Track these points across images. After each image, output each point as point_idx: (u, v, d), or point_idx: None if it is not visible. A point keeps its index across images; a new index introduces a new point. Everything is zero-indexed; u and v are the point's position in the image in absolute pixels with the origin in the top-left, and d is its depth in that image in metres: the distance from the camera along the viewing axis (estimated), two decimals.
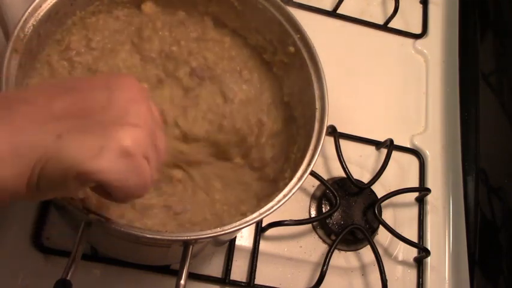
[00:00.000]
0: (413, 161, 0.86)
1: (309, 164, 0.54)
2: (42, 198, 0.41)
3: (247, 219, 0.50)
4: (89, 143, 0.37)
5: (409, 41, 0.95)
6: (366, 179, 0.80)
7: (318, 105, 0.58)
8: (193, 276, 0.70)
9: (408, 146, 0.87)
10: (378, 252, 0.74)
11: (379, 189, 0.80)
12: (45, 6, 0.54)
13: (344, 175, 0.78)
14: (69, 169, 0.36)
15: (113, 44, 0.62)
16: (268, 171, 0.62)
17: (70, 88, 0.40)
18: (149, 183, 0.41)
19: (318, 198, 0.79)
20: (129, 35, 0.63)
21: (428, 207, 0.83)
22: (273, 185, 0.60)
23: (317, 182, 0.79)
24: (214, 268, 0.72)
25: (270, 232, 0.75)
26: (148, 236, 0.47)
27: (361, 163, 0.83)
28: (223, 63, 0.64)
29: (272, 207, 0.51)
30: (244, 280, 0.72)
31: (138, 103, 0.40)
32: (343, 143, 0.80)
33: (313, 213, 0.79)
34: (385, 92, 0.90)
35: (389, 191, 0.80)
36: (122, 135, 0.38)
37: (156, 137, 0.42)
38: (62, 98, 0.39)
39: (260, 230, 0.74)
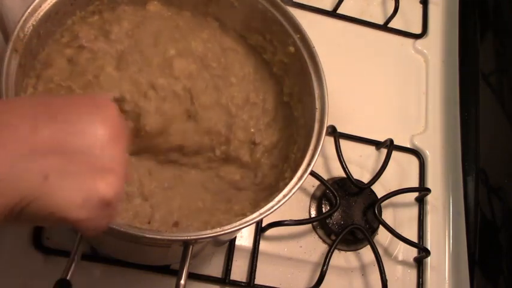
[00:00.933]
0: (413, 161, 0.86)
1: (309, 164, 0.54)
2: (17, 226, 0.41)
3: (247, 219, 0.50)
4: (74, 191, 0.37)
5: (409, 41, 0.95)
6: (366, 179, 0.80)
7: (318, 105, 0.58)
8: (193, 276, 0.70)
9: (408, 146, 0.87)
10: (378, 252, 0.74)
11: (379, 189, 0.80)
12: (45, 6, 0.54)
13: (344, 175, 0.78)
14: (54, 214, 0.37)
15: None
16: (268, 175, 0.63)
17: (55, 115, 0.39)
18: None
19: (318, 198, 0.79)
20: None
21: (428, 207, 0.83)
22: (273, 185, 0.60)
23: (317, 182, 0.79)
24: (214, 268, 0.72)
25: (270, 232, 0.75)
26: (148, 236, 0.47)
27: (361, 163, 0.83)
28: (239, 96, 0.63)
29: (272, 207, 0.51)
30: (244, 280, 0.72)
31: (118, 145, 0.40)
32: (343, 143, 0.80)
33: (313, 213, 0.79)
34: (385, 92, 0.90)
35: (390, 191, 0.80)
36: (104, 187, 0.38)
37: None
38: (47, 127, 0.38)
39: (260, 230, 0.74)
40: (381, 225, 0.77)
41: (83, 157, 0.38)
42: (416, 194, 0.83)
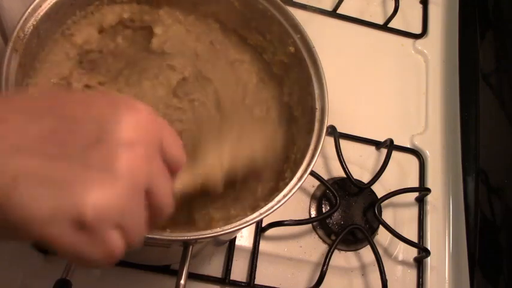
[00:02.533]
0: (413, 161, 0.86)
1: (309, 164, 0.54)
2: None
3: (247, 219, 0.50)
4: (43, 200, 0.30)
5: (409, 41, 0.95)
6: (366, 179, 0.80)
7: (318, 105, 0.58)
8: (193, 276, 0.70)
9: (408, 146, 0.87)
10: (378, 252, 0.74)
11: (379, 189, 0.80)
12: (45, 6, 0.54)
13: (344, 175, 0.78)
14: (14, 224, 0.30)
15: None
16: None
17: (58, 108, 0.33)
18: (117, 256, 0.33)
19: (318, 198, 0.79)
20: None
21: (428, 207, 0.83)
22: (273, 185, 0.60)
23: (317, 182, 0.79)
24: (214, 268, 0.72)
25: (270, 232, 0.75)
26: (148, 236, 0.47)
27: (361, 163, 0.83)
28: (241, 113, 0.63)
29: (272, 207, 0.51)
30: (244, 280, 0.72)
31: (137, 147, 0.32)
32: (343, 143, 0.80)
33: (313, 213, 0.79)
34: (385, 92, 0.90)
35: (390, 191, 0.80)
36: (83, 199, 0.30)
37: (153, 192, 0.33)
38: (43, 120, 0.32)
39: (260, 230, 0.74)
40: (381, 225, 0.77)
41: (81, 156, 0.31)
42: (416, 194, 0.83)
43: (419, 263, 0.79)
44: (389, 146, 0.81)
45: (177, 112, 0.60)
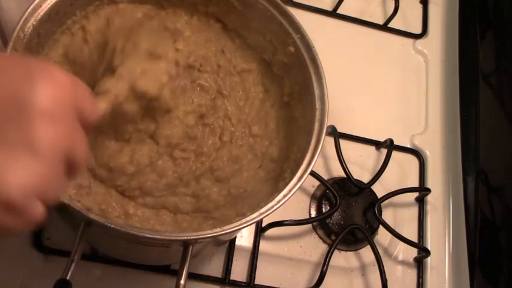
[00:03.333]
0: (413, 161, 0.86)
1: (309, 164, 0.54)
2: None
3: (247, 219, 0.50)
4: None
5: (409, 41, 0.95)
6: (366, 179, 0.80)
7: (318, 105, 0.58)
8: (193, 276, 0.70)
9: (408, 146, 0.87)
10: (378, 252, 0.74)
11: (379, 189, 0.80)
12: (45, 6, 0.54)
13: (344, 175, 0.78)
14: None
15: None
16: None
17: None
18: (39, 220, 0.34)
19: (318, 198, 0.79)
20: None
21: (428, 207, 0.83)
22: (273, 185, 0.60)
23: (317, 182, 0.79)
24: (214, 268, 0.72)
25: (270, 232, 0.75)
26: (148, 236, 0.47)
27: (361, 163, 0.83)
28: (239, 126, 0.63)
29: (272, 207, 0.51)
30: (244, 280, 0.72)
31: (55, 117, 0.33)
32: (343, 143, 0.80)
33: (313, 213, 0.79)
34: (385, 92, 0.90)
35: (390, 191, 0.80)
36: (9, 184, 0.31)
37: (71, 154, 0.35)
38: None
39: (260, 230, 0.74)
40: (381, 225, 0.77)
41: (9, 129, 0.31)
42: (416, 194, 0.83)
43: (419, 263, 0.79)
44: (389, 146, 0.81)
45: (188, 143, 0.60)
